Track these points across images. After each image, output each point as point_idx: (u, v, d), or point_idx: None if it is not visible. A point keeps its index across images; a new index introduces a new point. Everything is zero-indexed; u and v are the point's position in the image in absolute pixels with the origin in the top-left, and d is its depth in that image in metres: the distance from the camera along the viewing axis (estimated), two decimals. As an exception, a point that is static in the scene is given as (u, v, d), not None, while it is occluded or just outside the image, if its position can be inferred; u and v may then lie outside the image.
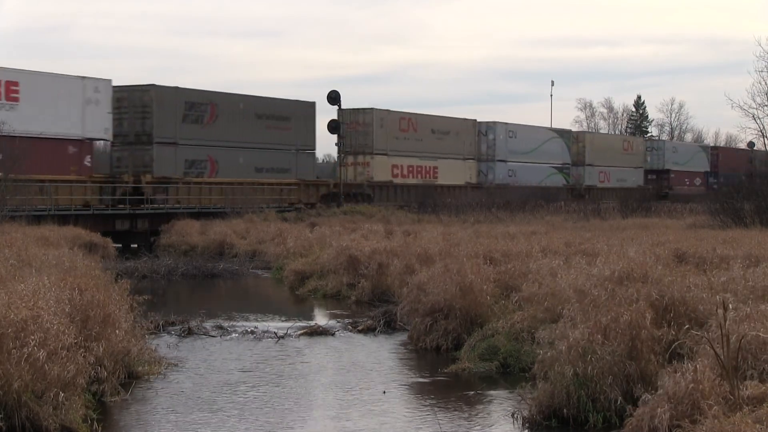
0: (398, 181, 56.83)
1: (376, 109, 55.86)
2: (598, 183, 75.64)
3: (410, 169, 58.17)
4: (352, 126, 54.11)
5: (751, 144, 75.84)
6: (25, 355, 9.76)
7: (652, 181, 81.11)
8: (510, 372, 13.76)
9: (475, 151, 64.45)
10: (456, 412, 11.85)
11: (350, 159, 54.80)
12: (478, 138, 64.65)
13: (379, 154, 55.32)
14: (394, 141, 56.60)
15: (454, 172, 61.39)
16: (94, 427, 10.29)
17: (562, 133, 75.40)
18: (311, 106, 51.28)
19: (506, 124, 67.62)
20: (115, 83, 41.98)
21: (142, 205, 40.98)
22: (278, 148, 48.51)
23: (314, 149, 52.02)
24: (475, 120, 64.42)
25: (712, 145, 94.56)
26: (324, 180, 54.97)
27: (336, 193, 51.73)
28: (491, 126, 65.99)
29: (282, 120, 48.92)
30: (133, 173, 42.05)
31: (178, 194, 43.05)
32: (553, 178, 71.27)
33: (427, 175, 59.48)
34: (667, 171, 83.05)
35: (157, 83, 43.80)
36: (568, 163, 74.07)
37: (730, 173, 79.65)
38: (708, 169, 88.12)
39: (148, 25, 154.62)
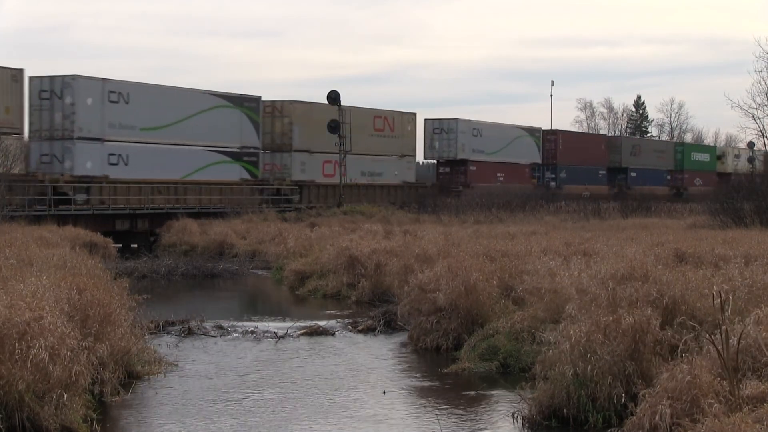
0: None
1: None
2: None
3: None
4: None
5: (751, 144, 75.52)
6: (30, 357, 9.75)
7: (444, 175, 63.40)
8: (510, 372, 13.77)
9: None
10: (456, 412, 11.85)
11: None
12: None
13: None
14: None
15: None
16: (94, 427, 10.29)
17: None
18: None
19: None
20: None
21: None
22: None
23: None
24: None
25: (547, 128, 76.09)
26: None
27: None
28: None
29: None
30: None
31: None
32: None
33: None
34: (464, 161, 63.06)
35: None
36: (539, 162, 69.92)
37: (576, 167, 72.27)
38: (539, 161, 70.11)
39: (147, 25, 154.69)
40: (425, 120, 63.08)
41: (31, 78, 38.83)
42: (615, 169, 77.78)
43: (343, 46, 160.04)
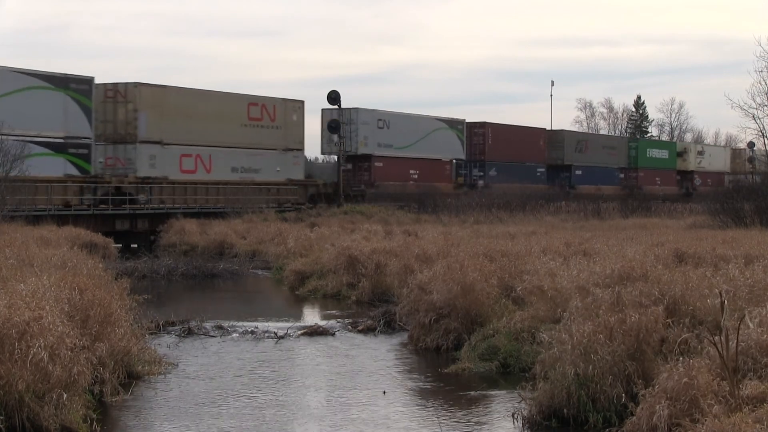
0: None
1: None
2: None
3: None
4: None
5: (751, 144, 75.35)
6: (29, 357, 9.75)
7: (347, 173, 55.14)
8: (510, 372, 13.76)
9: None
10: (456, 412, 11.85)
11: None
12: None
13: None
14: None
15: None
16: (94, 427, 10.29)
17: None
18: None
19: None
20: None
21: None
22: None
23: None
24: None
25: (475, 121, 65.65)
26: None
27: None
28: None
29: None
30: None
31: None
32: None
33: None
34: (368, 157, 56.48)
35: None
36: (463, 158, 63.19)
37: (509, 164, 65.65)
38: (463, 157, 63.36)
39: (147, 25, 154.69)
40: (323, 110, 55.42)
41: None
42: (558, 167, 72.03)
43: (343, 46, 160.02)
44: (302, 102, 50.92)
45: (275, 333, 17.22)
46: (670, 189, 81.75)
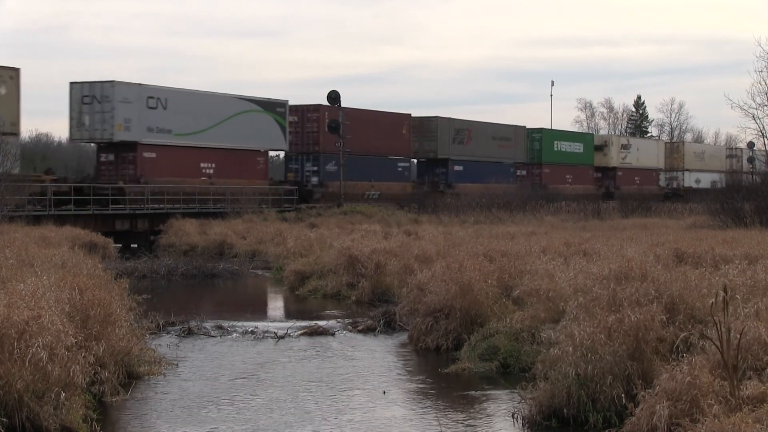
0: None
1: None
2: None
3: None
4: None
5: (751, 144, 75.20)
6: (28, 356, 9.75)
7: (106, 165, 43.38)
8: (510, 372, 13.76)
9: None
10: (456, 412, 11.85)
11: None
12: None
13: None
14: None
15: None
16: (94, 427, 10.28)
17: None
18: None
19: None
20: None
21: None
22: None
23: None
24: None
25: (308, 104, 53.35)
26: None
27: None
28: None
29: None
30: None
31: None
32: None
33: None
34: (132, 145, 42.87)
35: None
36: (285, 149, 51.58)
37: (358, 156, 53.19)
38: (284, 147, 51.49)
39: (147, 24, 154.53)
40: (71, 84, 42.27)
41: None
42: (432, 161, 61.34)
43: (343, 46, 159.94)
44: (17, 70, 38.47)
45: (275, 333, 17.21)
46: (585, 188, 71.71)
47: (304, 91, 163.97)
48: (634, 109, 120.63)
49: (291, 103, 51.25)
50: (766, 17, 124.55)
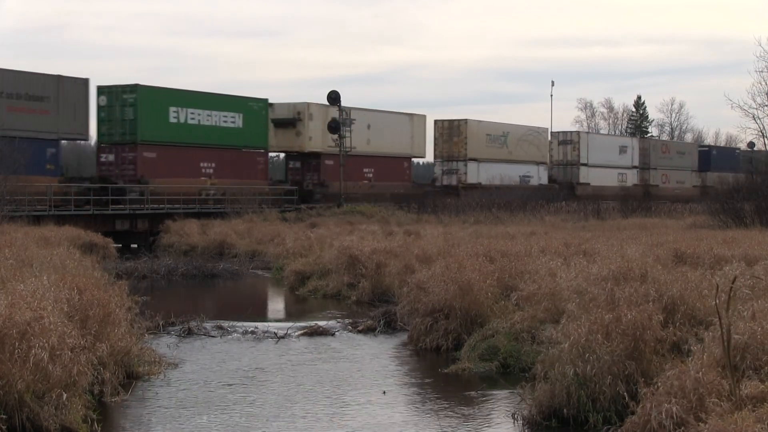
0: None
1: None
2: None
3: None
4: None
5: (751, 144, 75.06)
6: (30, 357, 9.75)
7: None
8: (510, 372, 13.76)
9: None
10: (456, 412, 11.85)
11: None
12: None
13: None
14: None
15: None
16: (94, 428, 10.29)
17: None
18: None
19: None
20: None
21: None
22: None
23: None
24: None
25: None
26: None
27: None
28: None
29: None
30: None
31: None
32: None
33: None
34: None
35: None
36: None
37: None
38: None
39: (147, 25, 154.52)
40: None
41: None
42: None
43: (343, 46, 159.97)
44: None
45: (275, 333, 17.21)
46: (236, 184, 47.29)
47: (305, 91, 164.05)
48: (634, 109, 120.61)
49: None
50: (766, 17, 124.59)
